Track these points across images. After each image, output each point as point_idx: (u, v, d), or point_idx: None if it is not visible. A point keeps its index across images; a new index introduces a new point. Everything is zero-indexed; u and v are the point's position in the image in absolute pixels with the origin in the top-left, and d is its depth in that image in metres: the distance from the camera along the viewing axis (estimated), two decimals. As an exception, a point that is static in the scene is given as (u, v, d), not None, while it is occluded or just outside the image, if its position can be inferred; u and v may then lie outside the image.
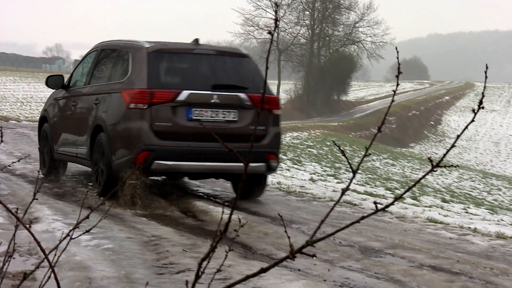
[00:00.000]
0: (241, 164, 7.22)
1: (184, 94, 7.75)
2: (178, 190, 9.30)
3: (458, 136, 1.43)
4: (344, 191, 1.60)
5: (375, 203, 1.57)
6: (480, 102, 1.39)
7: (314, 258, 5.40)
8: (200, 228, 6.74)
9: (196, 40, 8.41)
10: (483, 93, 1.50)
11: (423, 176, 1.50)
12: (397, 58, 1.54)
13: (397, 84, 1.52)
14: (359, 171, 1.59)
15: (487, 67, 1.58)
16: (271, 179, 12.63)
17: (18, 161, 2.34)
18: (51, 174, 9.86)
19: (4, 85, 51.29)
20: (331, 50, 57.66)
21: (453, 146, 1.44)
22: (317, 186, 12.52)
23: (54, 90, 10.05)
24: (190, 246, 5.55)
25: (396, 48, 1.63)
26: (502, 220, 10.28)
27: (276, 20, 1.49)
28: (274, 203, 8.80)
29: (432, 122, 61.19)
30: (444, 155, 1.44)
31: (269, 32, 1.46)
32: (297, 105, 54.50)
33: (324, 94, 56.87)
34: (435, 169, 1.47)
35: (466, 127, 1.43)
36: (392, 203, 1.53)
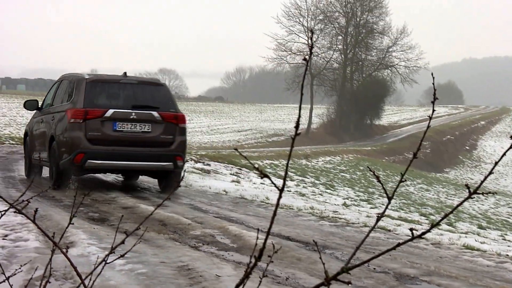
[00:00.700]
0: (151, 162, 10.69)
1: (110, 112, 10.50)
2: (211, 214, 9.32)
3: (496, 163, 1.41)
4: (379, 218, 1.59)
5: (411, 229, 1.56)
6: (519, 128, 1.37)
7: (349, 285, 5.33)
8: (233, 252, 6.73)
9: (125, 73, 11.30)
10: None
11: (460, 203, 1.48)
12: (433, 84, 1.53)
13: (433, 110, 1.51)
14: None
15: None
16: (304, 204, 12.57)
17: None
18: (31, 175, 12.58)
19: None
20: (364, 74, 57.50)
21: (490, 173, 1.42)
22: (350, 211, 12.42)
23: (32, 111, 12.81)
24: (224, 272, 5.54)
25: (432, 74, 1.61)
26: (541, 247, 10.03)
27: (311, 47, 1.49)
28: (307, 228, 8.75)
29: (467, 147, 60.37)
30: (482, 182, 1.42)
31: (304, 59, 1.46)
32: (330, 130, 54.36)
33: (357, 119, 56.61)
34: (472, 196, 1.44)
35: (504, 154, 1.41)
36: (428, 230, 1.51)
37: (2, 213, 2.01)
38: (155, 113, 10.71)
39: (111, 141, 10.45)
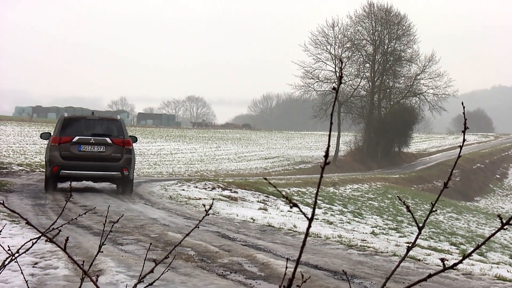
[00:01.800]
0: (105, 172, 15.58)
1: (76, 138, 15.42)
2: (238, 242, 9.29)
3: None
4: (410, 248, 1.57)
5: (442, 260, 1.53)
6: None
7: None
8: (261, 281, 6.69)
9: (92, 112, 17.01)
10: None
11: (493, 234, 1.46)
12: (463, 113, 1.52)
13: (464, 140, 1.49)
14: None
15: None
16: (331, 232, 12.47)
17: (85, 213, 2.40)
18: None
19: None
20: (392, 102, 57.25)
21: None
22: (379, 240, 12.28)
23: (46, 140, 17.30)
24: (251, 300, 5.50)
25: (462, 103, 1.61)
26: None
27: (340, 76, 1.50)
28: (335, 257, 8.67)
29: (497, 176, 59.52)
30: (515, 212, 1.40)
31: (333, 88, 1.47)
32: (357, 157, 54.07)
33: (385, 146, 56.26)
34: (505, 227, 1.42)
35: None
36: (460, 261, 1.49)
37: (34, 241, 2.03)
38: (107, 139, 15.60)
39: (77, 157, 15.34)
